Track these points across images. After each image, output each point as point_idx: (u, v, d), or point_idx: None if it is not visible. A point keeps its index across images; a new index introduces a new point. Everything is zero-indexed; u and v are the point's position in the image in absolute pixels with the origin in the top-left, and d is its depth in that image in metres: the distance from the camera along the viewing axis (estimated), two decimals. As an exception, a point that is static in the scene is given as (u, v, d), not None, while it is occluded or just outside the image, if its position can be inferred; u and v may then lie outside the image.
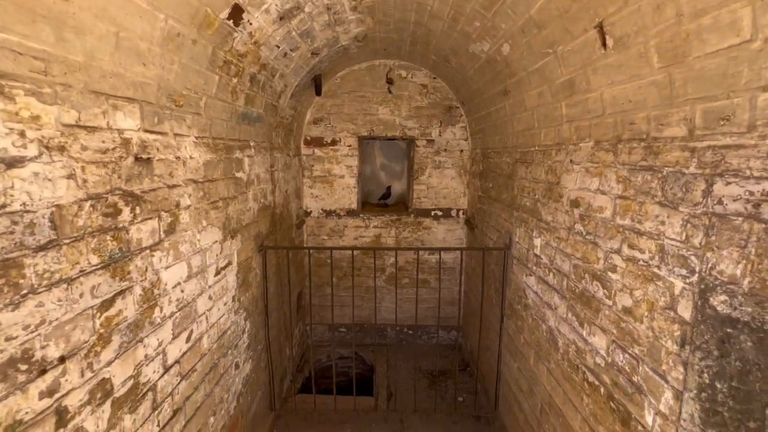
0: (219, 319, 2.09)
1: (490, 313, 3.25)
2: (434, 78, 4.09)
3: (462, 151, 4.25)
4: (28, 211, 0.95)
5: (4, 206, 0.89)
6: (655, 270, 1.26)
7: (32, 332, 0.97)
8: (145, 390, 1.44)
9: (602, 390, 1.57)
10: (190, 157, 1.75)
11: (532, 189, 2.40)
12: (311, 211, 4.33)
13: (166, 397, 1.58)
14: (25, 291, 0.95)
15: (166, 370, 1.58)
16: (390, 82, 4.07)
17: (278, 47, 2.39)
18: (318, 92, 3.59)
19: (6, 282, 0.90)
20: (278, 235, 3.27)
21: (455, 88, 3.90)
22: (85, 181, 1.13)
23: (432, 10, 2.43)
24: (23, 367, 0.94)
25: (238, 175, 2.34)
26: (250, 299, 2.58)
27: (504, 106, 2.76)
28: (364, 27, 2.88)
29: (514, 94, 2.47)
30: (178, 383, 1.67)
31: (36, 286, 0.98)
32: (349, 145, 4.22)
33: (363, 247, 2.88)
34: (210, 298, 1.98)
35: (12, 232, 0.91)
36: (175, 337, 1.64)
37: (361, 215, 4.36)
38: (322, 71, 3.49)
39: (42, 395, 1.00)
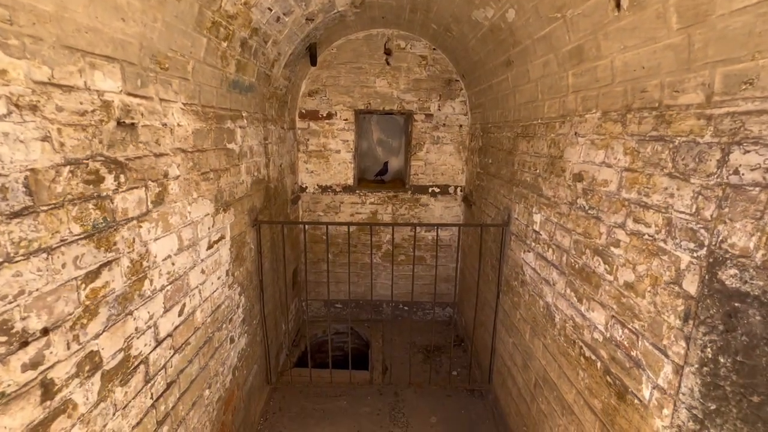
0: (213, 293, 2.06)
1: (486, 290, 3.25)
2: (434, 49, 3.94)
3: (461, 126, 4.15)
4: (-2, 175, 0.88)
5: (-30, 168, 0.82)
6: (661, 244, 1.22)
7: (10, 303, 0.92)
8: (136, 363, 1.41)
9: (599, 364, 1.57)
10: (178, 125, 1.67)
11: (534, 164, 2.34)
12: (307, 187, 4.26)
13: (159, 370, 1.56)
14: (0, 259, 0.89)
15: (159, 343, 1.55)
16: (388, 53, 3.92)
17: (270, 10, 2.25)
18: (313, 62, 3.45)
19: (-23, 249, 0.84)
20: (273, 210, 3.21)
21: (455, 60, 3.76)
22: (62, 144, 1.06)
23: (434, -29, 2.30)
24: (2, 339, 0.90)
25: (230, 146, 2.25)
26: (244, 274, 2.55)
27: (506, 77, 2.66)
28: (362, -9, 2.73)
29: (518, 64, 2.37)
30: (171, 356, 1.65)
31: (12, 254, 0.92)
32: (346, 119, 4.10)
33: (359, 223, 2.84)
34: (203, 271, 1.93)
35: (-19, 197, 0.85)
36: (167, 310, 1.60)
37: (358, 191, 4.30)
38: (317, 40, 3.34)
39: (25, 367, 0.96)
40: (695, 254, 1.08)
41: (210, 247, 2.02)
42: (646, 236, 1.29)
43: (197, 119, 1.84)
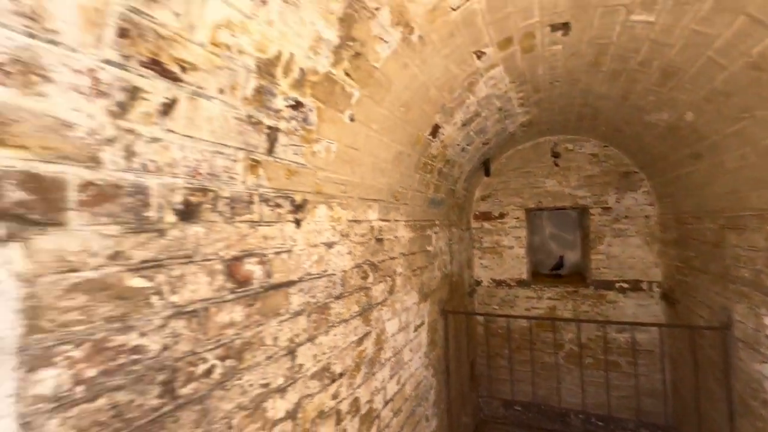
0: (416, 370, 2.48)
1: (712, 410, 2.66)
2: (605, 146, 4.04)
3: (647, 217, 3.89)
4: (333, 274, 1.57)
5: (325, 271, 1.52)
6: None
7: (331, 352, 1.52)
8: (374, 415, 1.87)
9: None
10: (401, 236, 2.34)
11: (750, 258, 2.10)
12: (481, 281, 4.57)
13: (385, 428, 1.98)
14: (329, 325, 1.53)
15: (386, 403, 2.00)
16: (556, 155, 4.23)
17: (458, 145, 2.96)
18: (487, 173, 4.05)
19: (325, 317, 1.49)
20: (455, 302, 3.61)
21: (630, 154, 3.76)
22: (355, 255, 1.75)
23: (599, 93, 2.63)
24: (327, 374, 1.49)
25: (428, 248, 2.86)
26: (435, 358, 2.92)
27: (696, 169, 2.58)
28: (530, 116, 3.26)
29: (709, 157, 2.33)
30: (392, 419, 2.07)
31: (334, 322, 1.56)
32: (517, 218, 4.42)
33: (542, 317, 2.90)
34: (411, 350, 2.40)
35: (327, 287, 1.52)
36: (391, 377, 2.08)
37: (533, 286, 4.34)
38: (490, 155, 3.96)
39: (332, 397, 1.52)
40: None
41: (415, 330, 2.51)
42: None
43: (410, 230, 2.51)
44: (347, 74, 1.37)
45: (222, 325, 1.02)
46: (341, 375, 1.59)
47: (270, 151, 1.19)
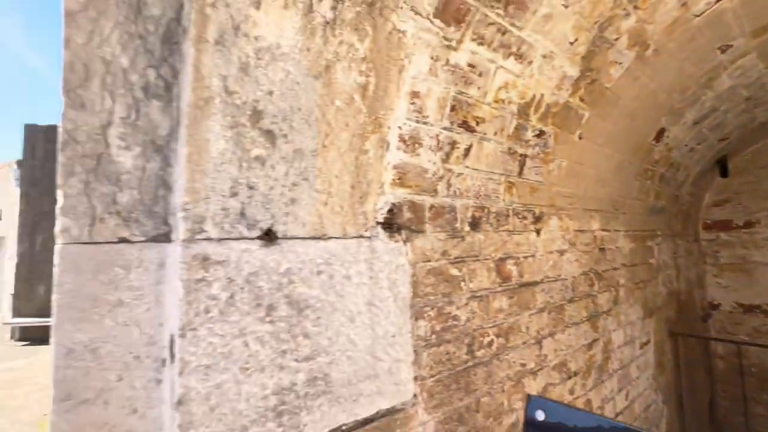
0: (643, 390, 2.31)
1: None
2: None
3: None
4: (565, 279, 1.72)
5: (559, 275, 1.69)
6: None
7: (567, 349, 1.67)
8: (606, 423, 1.89)
9: None
10: (622, 246, 2.27)
11: None
12: (719, 304, 3.75)
13: (616, 440, 1.95)
14: (564, 325, 1.68)
15: (615, 415, 1.98)
16: (842, 142, 3.16)
17: (686, 146, 2.64)
18: (723, 174, 3.37)
19: (561, 317, 1.65)
20: (683, 324, 3.12)
21: None
22: (581, 263, 1.85)
23: None
24: (564, 369, 1.64)
25: (650, 261, 2.63)
26: (664, 383, 2.62)
27: None
28: (796, 98, 2.60)
29: None
30: (622, 433, 2.01)
31: (567, 323, 1.70)
32: (775, 226, 3.47)
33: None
34: (638, 367, 2.27)
35: (561, 290, 1.69)
36: (618, 390, 2.04)
37: (809, 316, 3.30)
38: (726, 153, 3.30)
39: (569, 392, 1.65)
40: None
41: (641, 347, 2.35)
42: None
43: (630, 241, 2.40)
44: (581, 99, 1.54)
45: (496, 309, 1.34)
46: (575, 374, 1.71)
47: (520, 173, 1.47)
